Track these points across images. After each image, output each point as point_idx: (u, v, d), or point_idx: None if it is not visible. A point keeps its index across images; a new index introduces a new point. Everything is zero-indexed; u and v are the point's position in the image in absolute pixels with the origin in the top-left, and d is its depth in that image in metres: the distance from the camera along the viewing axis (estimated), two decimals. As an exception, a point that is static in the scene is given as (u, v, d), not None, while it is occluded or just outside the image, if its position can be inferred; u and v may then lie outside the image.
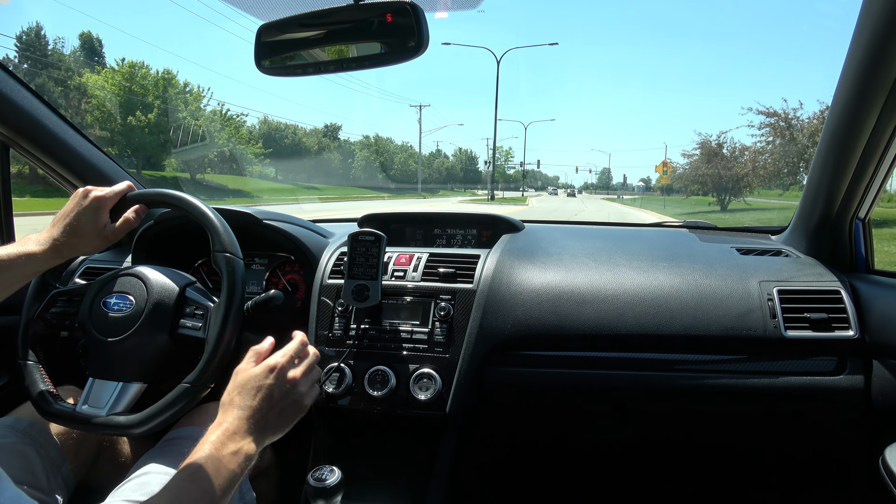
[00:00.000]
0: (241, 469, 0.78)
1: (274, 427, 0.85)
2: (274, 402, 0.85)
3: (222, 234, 1.02)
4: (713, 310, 1.18)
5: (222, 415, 0.83)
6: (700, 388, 1.18)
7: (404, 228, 1.65)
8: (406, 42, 0.90)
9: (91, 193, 0.99)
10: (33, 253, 0.94)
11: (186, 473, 0.74)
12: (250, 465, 0.80)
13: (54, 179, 1.50)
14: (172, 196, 1.09)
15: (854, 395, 1.14)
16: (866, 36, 0.94)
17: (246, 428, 0.81)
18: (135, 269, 1.04)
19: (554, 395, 1.26)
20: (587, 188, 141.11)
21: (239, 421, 0.81)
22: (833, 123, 1.12)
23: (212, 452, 0.76)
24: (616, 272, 1.27)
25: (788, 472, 1.45)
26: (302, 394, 0.89)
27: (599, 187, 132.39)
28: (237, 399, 0.83)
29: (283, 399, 0.86)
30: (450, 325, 1.22)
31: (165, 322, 0.99)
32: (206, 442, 0.78)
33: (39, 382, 1.01)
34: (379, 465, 1.28)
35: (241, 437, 0.80)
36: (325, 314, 1.29)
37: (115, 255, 1.58)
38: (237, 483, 0.77)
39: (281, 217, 1.45)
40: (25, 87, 1.31)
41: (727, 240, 1.56)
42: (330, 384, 1.21)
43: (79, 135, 1.46)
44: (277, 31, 0.99)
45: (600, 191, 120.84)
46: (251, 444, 0.81)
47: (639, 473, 1.54)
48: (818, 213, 1.30)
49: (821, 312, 1.16)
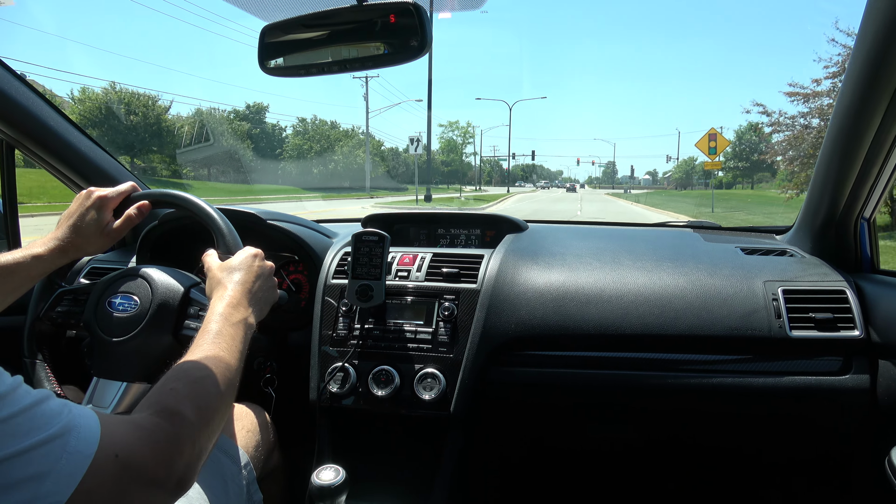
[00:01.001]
0: (247, 338, 0.84)
1: (260, 306, 0.93)
2: (260, 281, 0.95)
3: (227, 234, 1.03)
4: (718, 310, 1.18)
5: (219, 291, 0.89)
6: (704, 388, 1.18)
7: (408, 228, 1.65)
8: (409, 42, 0.90)
9: (94, 194, 1.02)
10: (39, 254, 0.96)
11: (208, 339, 0.79)
12: (251, 336, 0.87)
13: (60, 180, 1.51)
14: (177, 196, 1.10)
15: (859, 395, 1.13)
16: (871, 35, 0.94)
17: (247, 300, 0.89)
18: (140, 270, 1.05)
19: (558, 395, 1.26)
20: (591, 182, 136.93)
21: (239, 294, 0.89)
22: (838, 123, 1.12)
23: (224, 321, 0.83)
24: (620, 272, 1.27)
25: (793, 472, 1.44)
26: (274, 283, 1.00)
27: (604, 181, 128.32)
28: (229, 277, 0.92)
29: (265, 282, 0.97)
30: (454, 325, 1.22)
31: (170, 323, 1.00)
32: (215, 313, 0.84)
33: (45, 381, 1.02)
34: (383, 465, 1.28)
35: (245, 308, 0.88)
36: (329, 314, 1.29)
37: (120, 256, 1.58)
38: (245, 351, 0.83)
39: (285, 217, 1.45)
40: (30, 88, 1.31)
41: (732, 240, 1.56)
42: (334, 384, 1.21)
43: (83, 136, 1.47)
44: (281, 32, 0.99)
45: (605, 185, 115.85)
46: (252, 316, 0.89)
47: (643, 473, 1.54)
48: (823, 212, 1.29)
49: (826, 312, 1.16)
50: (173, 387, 0.68)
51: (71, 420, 0.52)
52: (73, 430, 0.52)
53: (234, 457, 1.00)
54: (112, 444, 0.55)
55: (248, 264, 0.95)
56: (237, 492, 0.96)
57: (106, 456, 0.53)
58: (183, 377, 0.70)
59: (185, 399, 0.66)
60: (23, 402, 0.50)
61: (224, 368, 0.75)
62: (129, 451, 0.56)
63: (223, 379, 0.74)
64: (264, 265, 0.98)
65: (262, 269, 0.97)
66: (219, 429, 0.73)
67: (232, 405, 0.78)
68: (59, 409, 0.53)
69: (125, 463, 0.55)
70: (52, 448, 0.50)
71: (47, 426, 0.50)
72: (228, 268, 0.94)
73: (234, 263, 0.95)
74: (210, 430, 0.68)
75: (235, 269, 0.94)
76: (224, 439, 1.01)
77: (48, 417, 0.51)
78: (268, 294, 0.97)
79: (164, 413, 0.63)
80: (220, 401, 0.71)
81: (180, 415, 0.64)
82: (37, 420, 0.50)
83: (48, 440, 0.50)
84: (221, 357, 0.76)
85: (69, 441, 0.51)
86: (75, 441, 0.51)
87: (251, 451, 1.06)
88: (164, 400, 0.65)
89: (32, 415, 0.50)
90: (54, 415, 0.52)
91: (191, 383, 0.70)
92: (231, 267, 0.94)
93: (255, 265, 0.96)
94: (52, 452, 0.49)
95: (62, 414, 0.52)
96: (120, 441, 0.56)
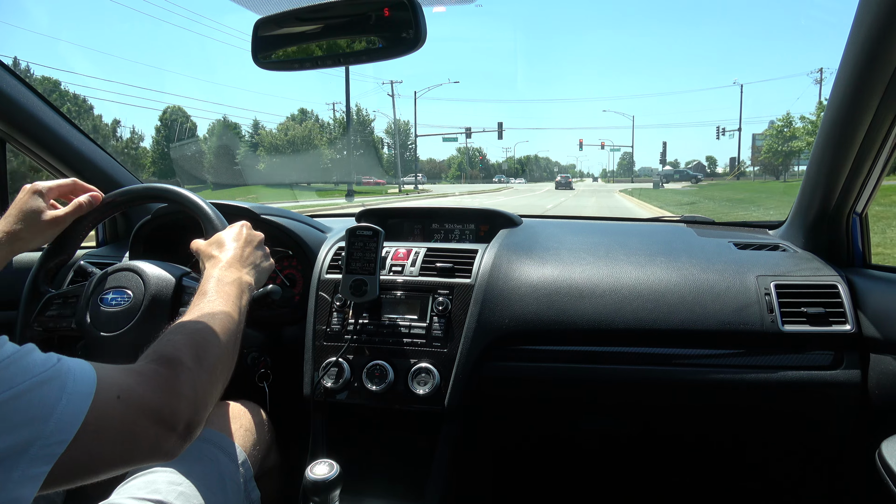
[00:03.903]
0: (244, 295, 0.86)
1: (255, 271, 0.95)
2: (250, 248, 0.96)
3: (213, 218, 1.03)
4: (710, 304, 1.18)
5: (212, 259, 0.91)
6: (697, 382, 1.19)
7: (402, 223, 1.64)
8: (403, 36, 0.89)
9: (33, 185, 1.02)
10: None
11: (204, 298, 0.80)
12: (249, 298, 0.88)
13: (52, 174, 1.49)
14: (161, 189, 1.10)
15: (850, 389, 1.14)
16: (864, 29, 0.94)
17: (239, 263, 0.91)
18: (129, 264, 1.04)
19: (552, 390, 1.26)
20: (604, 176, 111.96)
21: (231, 259, 0.91)
22: (831, 117, 1.12)
23: (218, 282, 0.84)
24: (614, 267, 1.27)
25: (784, 465, 1.46)
26: (266, 251, 1.01)
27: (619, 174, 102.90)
28: (218, 248, 0.93)
29: (257, 247, 0.98)
30: (448, 319, 1.23)
31: (165, 313, 0.99)
32: (210, 277, 0.86)
33: None
34: (377, 460, 1.28)
35: (238, 269, 0.89)
36: (323, 309, 1.29)
37: (113, 251, 1.58)
38: (245, 307, 0.85)
39: (279, 212, 1.45)
40: (23, 82, 1.30)
41: (725, 234, 1.56)
42: (328, 379, 1.21)
43: (76, 130, 1.46)
44: (274, 26, 0.98)
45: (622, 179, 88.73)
46: (247, 275, 0.90)
47: (636, 467, 1.55)
48: (815, 207, 1.30)
49: (818, 307, 1.16)
50: (170, 339, 0.69)
51: (64, 364, 0.54)
52: (69, 373, 0.53)
53: (232, 454, 1.00)
54: (111, 387, 0.56)
55: (236, 233, 0.97)
56: (234, 489, 0.96)
57: (107, 396, 0.55)
58: (180, 329, 0.71)
59: (183, 346, 0.67)
60: (11, 354, 0.51)
61: (222, 319, 0.76)
62: (130, 392, 0.57)
63: (222, 329, 0.74)
64: (253, 233, 1.00)
65: (252, 236, 0.99)
66: (224, 377, 0.74)
67: (236, 355, 0.78)
68: (48, 356, 0.54)
69: (128, 402, 0.56)
70: (50, 389, 0.51)
71: (40, 370, 0.52)
72: (217, 241, 0.96)
73: (221, 237, 0.97)
74: (213, 378, 0.69)
75: (224, 240, 0.96)
76: (221, 437, 1.01)
77: (39, 363, 0.52)
78: (261, 261, 0.98)
79: (160, 360, 0.64)
80: (220, 349, 0.72)
81: (178, 360, 0.65)
82: (28, 367, 0.51)
83: (44, 381, 0.51)
84: (219, 311, 0.77)
85: (67, 383, 0.52)
86: (73, 383, 0.53)
87: (249, 448, 1.05)
88: (160, 349, 0.66)
89: (24, 364, 0.51)
90: (45, 360, 0.53)
91: (189, 334, 0.71)
92: (219, 240, 0.96)
93: (244, 233, 0.98)
94: (52, 393, 0.51)
95: (52, 359, 0.54)
96: (120, 383, 0.57)
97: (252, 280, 0.91)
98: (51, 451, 0.50)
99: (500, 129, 48.02)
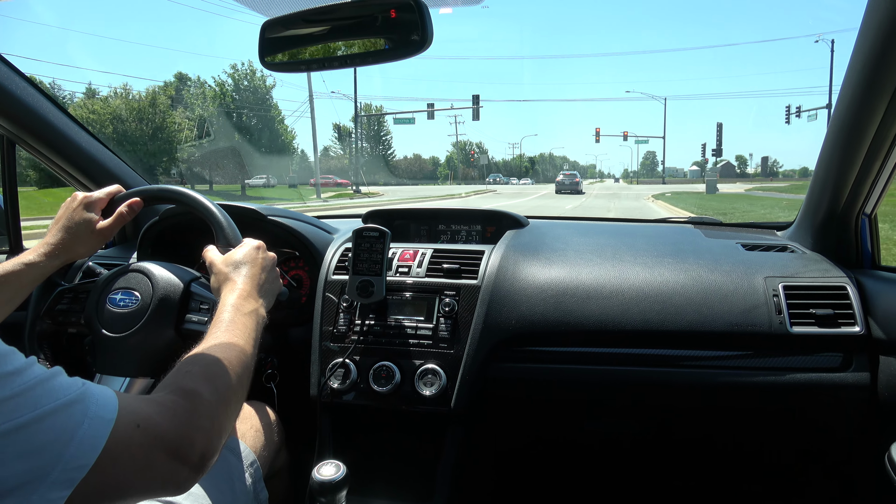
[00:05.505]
0: (259, 327, 0.86)
1: (268, 297, 0.95)
2: (266, 273, 0.96)
3: (226, 227, 1.03)
4: (718, 305, 1.18)
5: (229, 285, 0.90)
6: (705, 384, 1.18)
7: (409, 224, 1.65)
8: (410, 37, 0.90)
9: (79, 196, 1.03)
10: (31, 262, 0.96)
11: (221, 328, 0.80)
12: (262, 327, 0.88)
13: (60, 176, 1.50)
14: (174, 191, 1.11)
15: (860, 391, 1.13)
16: (873, 30, 0.93)
17: (256, 293, 0.91)
18: (140, 265, 1.05)
19: (558, 391, 1.26)
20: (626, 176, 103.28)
21: (249, 287, 0.90)
22: (839, 118, 1.11)
23: (236, 311, 0.84)
24: (620, 268, 1.27)
25: (793, 468, 1.45)
26: (278, 274, 1.01)
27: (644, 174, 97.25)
28: (236, 271, 0.93)
29: (270, 273, 0.98)
30: (454, 320, 1.22)
31: (171, 317, 1.00)
32: (227, 304, 0.85)
33: None
34: (384, 461, 1.28)
35: (255, 300, 0.89)
36: (330, 310, 1.29)
37: (121, 252, 1.59)
38: (258, 340, 0.84)
39: (286, 213, 1.45)
40: (31, 84, 1.31)
41: (732, 235, 1.55)
42: (335, 380, 1.22)
43: (84, 132, 1.47)
44: (282, 27, 0.99)
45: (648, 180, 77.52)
46: (262, 307, 0.90)
47: (643, 469, 1.54)
48: (824, 208, 1.29)
49: (826, 308, 1.16)
50: (188, 370, 0.69)
51: (87, 389, 0.55)
52: (91, 398, 0.54)
53: (241, 455, 1.01)
54: (132, 415, 0.56)
55: (252, 257, 0.96)
56: (243, 490, 0.97)
57: (127, 424, 0.55)
58: (198, 361, 0.72)
59: (201, 379, 0.68)
60: (38, 375, 0.51)
61: (238, 352, 0.76)
62: (149, 422, 0.57)
63: (238, 362, 0.75)
64: (268, 256, 0.99)
65: (267, 260, 0.98)
66: (237, 409, 0.74)
67: (247, 388, 0.79)
68: (73, 380, 0.55)
69: (146, 432, 0.57)
70: (72, 413, 0.51)
71: (65, 393, 0.52)
72: (234, 262, 0.94)
73: (238, 257, 0.95)
74: (228, 410, 0.70)
75: (241, 262, 0.94)
76: (231, 438, 1.02)
77: (65, 387, 0.53)
78: (273, 285, 0.98)
79: (180, 392, 0.64)
80: (236, 381, 0.73)
81: (197, 393, 0.65)
82: (54, 390, 0.52)
83: (68, 405, 0.51)
84: (235, 343, 0.77)
85: (89, 407, 0.53)
86: (95, 407, 0.53)
87: (258, 449, 1.06)
88: (179, 381, 0.67)
89: (49, 386, 0.52)
90: (71, 384, 0.54)
91: (206, 366, 0.71)
92: (236, 261, 0.94)
93: (260, 257, 0.97)
94: (74, 417, 0.51)
95: (77, 384, 0.54)
96: (140, 413, 0.57)
97: (265, 311, 0.91)
98: (70, 475, 0.50)
99: (476, 104, 33.03)
